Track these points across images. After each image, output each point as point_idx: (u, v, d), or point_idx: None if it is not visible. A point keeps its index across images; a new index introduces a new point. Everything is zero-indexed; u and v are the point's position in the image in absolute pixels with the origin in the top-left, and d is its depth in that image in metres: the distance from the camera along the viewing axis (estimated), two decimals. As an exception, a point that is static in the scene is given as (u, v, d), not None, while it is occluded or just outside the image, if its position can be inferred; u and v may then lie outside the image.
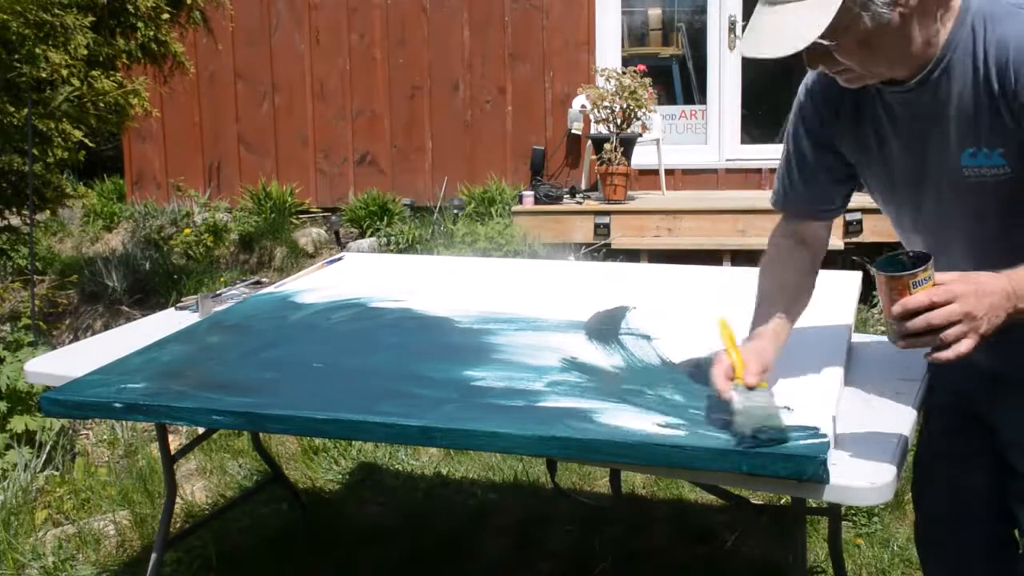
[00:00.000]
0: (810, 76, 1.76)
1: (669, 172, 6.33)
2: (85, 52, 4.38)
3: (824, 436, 1.54)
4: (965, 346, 1.39)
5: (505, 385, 1.88)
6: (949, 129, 1.52)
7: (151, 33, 4.78)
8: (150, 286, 5.74)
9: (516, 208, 6.05)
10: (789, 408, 1.64)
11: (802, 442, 1.53)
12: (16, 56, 4.24)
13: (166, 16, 4.85)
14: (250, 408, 1.83)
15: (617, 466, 1.97)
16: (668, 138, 6.43)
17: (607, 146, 5.79)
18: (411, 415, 1.74)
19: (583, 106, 6.17)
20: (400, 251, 6.10)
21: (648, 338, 2.12)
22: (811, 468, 1.48)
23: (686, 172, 6.46)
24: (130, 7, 4.67)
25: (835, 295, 2.36)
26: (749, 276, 2.57)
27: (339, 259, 3.02)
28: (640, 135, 5.96)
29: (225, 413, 1.84)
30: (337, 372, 2.02)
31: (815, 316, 2.22)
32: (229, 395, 1.88)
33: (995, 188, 1.50)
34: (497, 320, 2.29)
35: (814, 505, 2.28)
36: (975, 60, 1.48)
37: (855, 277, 2.49)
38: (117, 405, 1.91)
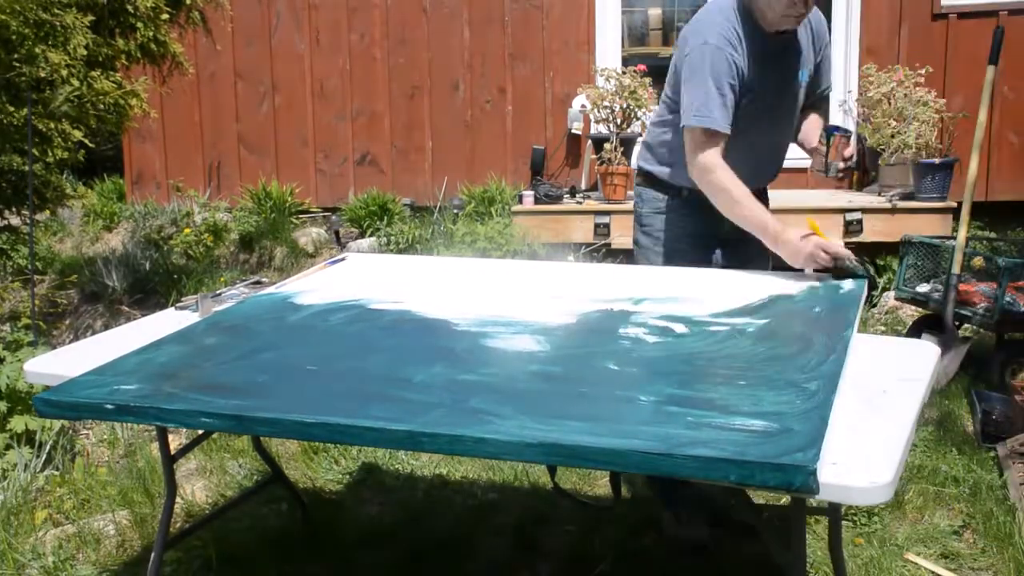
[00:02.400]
0: (722, 35, 2.54)
1: (669, 172, 6.33)
2: (84, 52, 4.38)
3: (815, 445, 1.53)
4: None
5: (497, 389, 1.87)
6: (798, 59, 2.68)
7: (150, 33, 4.78)
8: (150, 286, 5.74)
9: (516, 208, 6.05)
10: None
11: (793, 452, 1.52)
12: (16, 56, 4.23)
13: (165, 16, 4.85)
14: (239, 411, 1.83)
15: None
16: (668, 138, 6.42)
17: (607, 146, 5.79)
18: (399, 419, 1.73)
19: (583, 106, 6.16)
20: (400, 251, 6.10)
21: (645, 342, 2.12)
22: (800, 478, 1.47)
23: (686, 172, 6.46)
24: (129, 7, 4.67)
25: (841, 297, 2.36)
26: (749, 277, 2.58)
27: (341, 259, 3.02)
28: (640, 135, 5.96)
29: (214, 416, 1.84)
30: (330, 375, 2.02)
31: (818, 317, 2.22)
32: (220, 397, 1.88)
33: (802, 90, 2.74)
34: (495, 323, 2.29)
35: (814, 505, 2.28)
36: (805, 23, 2.63)
37: (862, 280, 2.49)
38: (109, 406, 1.91)
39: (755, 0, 2.55)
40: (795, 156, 2.88)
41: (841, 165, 2.69)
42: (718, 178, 2.52)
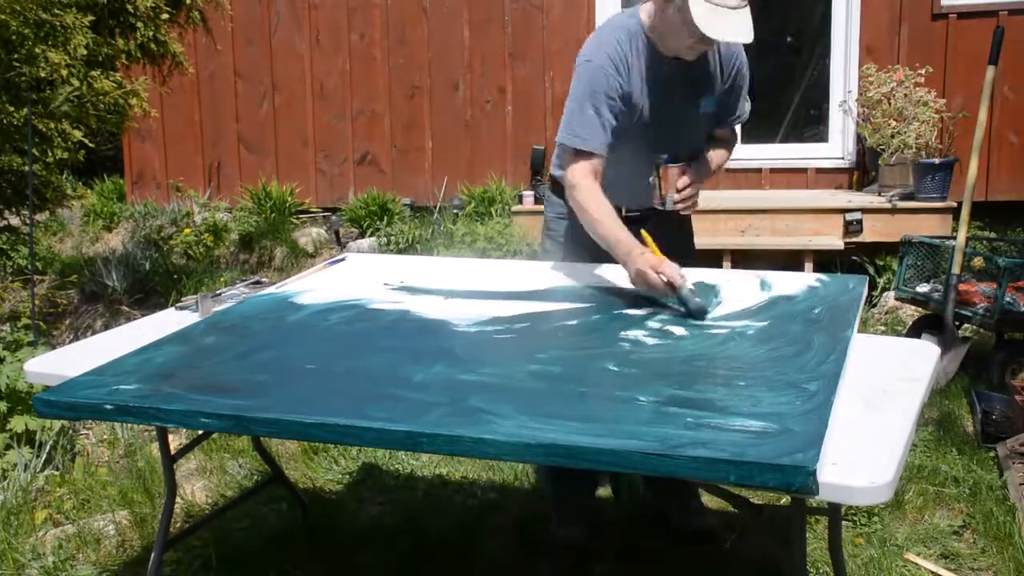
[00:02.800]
0: (607, 55, 2.51)
1: (669, 172, 6.33)
2: (84, 52, 4.38)
3: (815, 446, 1.53)
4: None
5: (497, 390, 1.87)
6: (700, 85, 2.61)
7: (150, 33, 4.78)
8: (150, 286, 5.74)
9: (516, 208, 6.05)
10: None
11: (793, 453, 1.52)
12: (16, 56, 4.24)
13: (165, 16, 4.85)
14: (238, 411, 1.82)
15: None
16: (668, 138, 6.42)
17: (607, 146, 5.78)
18: (398, 420, 1.73)
19: (583, 106, 6.15)
20: (400, 251, 6.10)
21: (645, 344, 2.12)
22: (799, 479, 1.47)
23: (686, 172, 6.45)
24: (129, 7, 4.68)
25: (841, 298, 2.36)
26: (748, 278, 2.58)
27: (341, 259, 3.02)
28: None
29: (213, 416, 1.84)
30: (330, 375, 2.02)
31: (818, 318, 2.22)
32: (219, 397, 1.88)
33: (709, 116, 2.69)
34: (495, 323, 2.29)
35: (814, 505, 2.28)
36: (713, 49, 2.56)
37: (862, 281, 2.49)
38: (108, 407, 1.91)
39: (656, 26, 2.50)
40: (792, 156, 2.89)
41: (676, 197, 2.55)
42: (581, 196, 2.50)
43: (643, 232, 2.44)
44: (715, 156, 2.75)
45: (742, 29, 2.34)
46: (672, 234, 2.72)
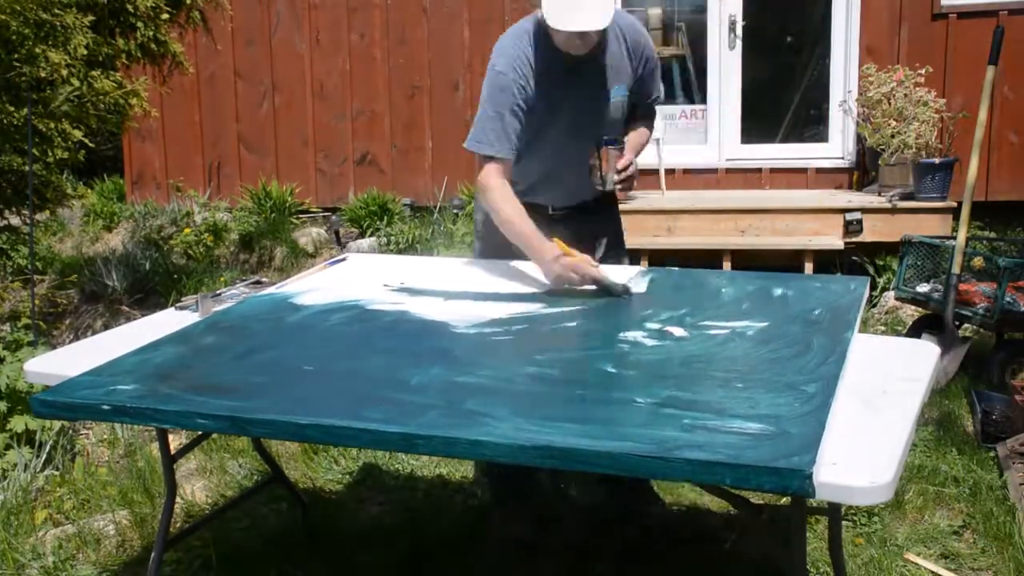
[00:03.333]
0: (508, 61, 2.59)
1: (669, 172, 6.33)
2: (85, 52, 4.39)
3: (812, 449, 1.53)
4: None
5: (494, 391, 1.87)
6: (606, 76, 2.64)
7: (150, 33, 4.78)
8: (150, 286, 5.74)
9: (516, 208, 6.03)
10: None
11: (789, 456, 1.52)
12: (16, 56, 4.24)
13: (165, 16, 4.86)
14: (234, 412, 1.82)
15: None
16: (668, 138, 6.42)
17: (607, 146, 5.78)
18: (395, 421, 1.72)
19: (583, 106, 6.16)
20: (400, 251, 6.10)
21: (644, 345, 2.12)
22: (795, 482, 1.47)
23: (686, 172, 6.45)
24: (130, 7, 4.68)
25: (842, 299, 2.36)
26: (749, 278, 2.58)
27: (342, 259, 3.02)
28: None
29: (209, 416, 1.84)
30: (327, 376, 2.02)
31: (819, 319, 2.22)
32: (216, 398, 1.88)
33: (621, 105, 2.70)
34: (494, 324, 2.29)
35: (814, 505, 2.28)
36: (618, 38, 2.63)
37: (864, 282, 2.49)
38: (105, 407, 1.91)
39: (545, 23, 2.53)
40: (792, 156, 2.88)
41: (616, 178, 2.60)
42: (493, 198, 2.60)
43: (555, 239, 2.51)
44: (635, 137, 2.80)
45: (591, 17, 2.40)
46: (604, 225, 2.88)
